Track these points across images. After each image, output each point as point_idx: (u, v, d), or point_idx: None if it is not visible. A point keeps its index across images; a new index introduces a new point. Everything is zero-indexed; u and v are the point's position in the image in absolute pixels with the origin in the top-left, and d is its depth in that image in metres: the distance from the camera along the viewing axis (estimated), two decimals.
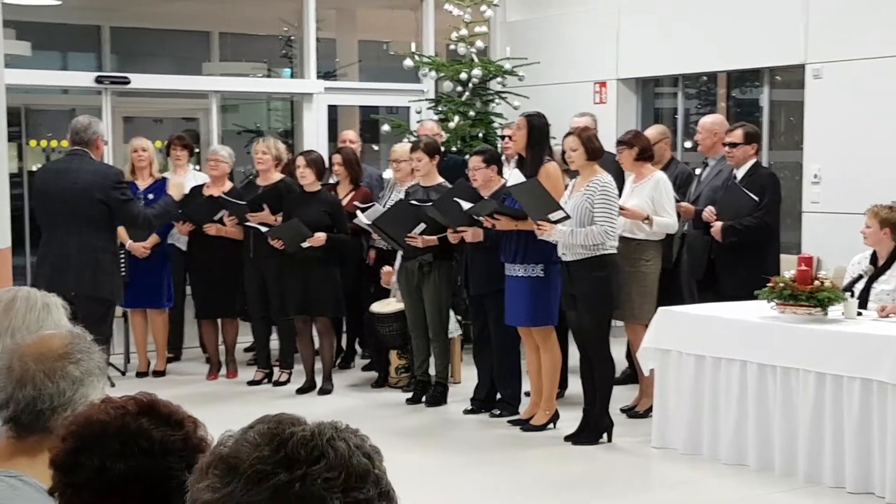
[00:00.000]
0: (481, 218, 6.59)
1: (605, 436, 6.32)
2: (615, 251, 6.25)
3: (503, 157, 7.67)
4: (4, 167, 5.51)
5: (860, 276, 6.21)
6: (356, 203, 7.76)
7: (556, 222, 6.14)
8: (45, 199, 6.80)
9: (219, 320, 8.15)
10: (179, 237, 8.22)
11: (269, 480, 1.20)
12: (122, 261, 7.86)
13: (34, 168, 11.75)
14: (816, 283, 5.69)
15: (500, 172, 6.87)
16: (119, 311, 8.30)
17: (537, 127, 6.57)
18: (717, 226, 6.88)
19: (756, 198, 6.82)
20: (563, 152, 6.43)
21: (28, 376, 2.01)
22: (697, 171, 7.68)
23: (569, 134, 6.43)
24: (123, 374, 8.21)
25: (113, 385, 7.40)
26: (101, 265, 6.59)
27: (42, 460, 1.74)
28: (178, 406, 1.69)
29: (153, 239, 8.02)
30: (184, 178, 7.54)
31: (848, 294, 5.86)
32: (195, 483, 1.25)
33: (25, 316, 2.45)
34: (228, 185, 8.05)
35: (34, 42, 10.62)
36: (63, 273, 6.46)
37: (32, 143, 11.62)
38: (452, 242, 6.97)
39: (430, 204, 6.87)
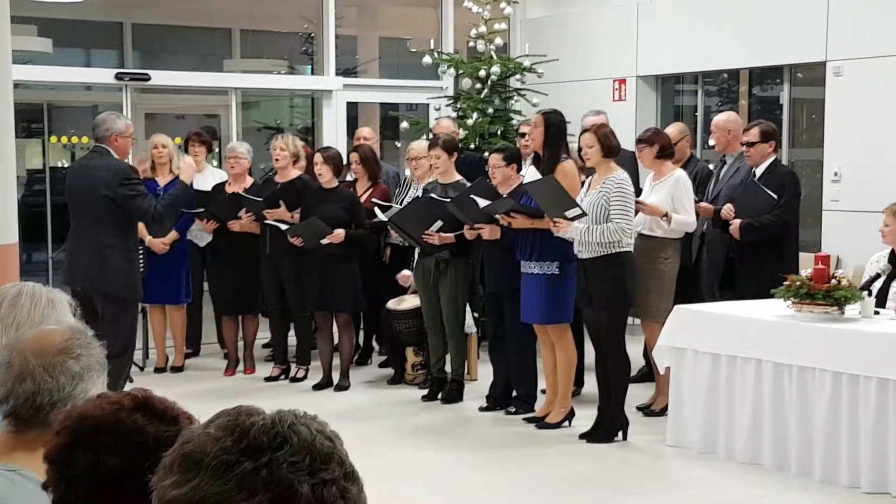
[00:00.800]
0: (498, 216, 6.58)
1: (619, 434, 6.31)
2: (631, 249, 6.23)
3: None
4: (11, 164, 5.54)
5: (878, 275, 6.16)
6: (374, 200, 7.77)
7: (572, 219, 6.12)
8: (67, 196, 6.92)
9: (239, 316, 8.18)
10: (197, 234, 8.27)
11: (234, 469, 1.20)
12: (141, 257, 7.92)
13: (59, 164, 11.83)
14: (833, 281, 5.65)
15: (519, 171, 6.86)
16: (138, 306, 8.36)
17: (554, 124, 6.56)
18: (736, 224, 6.84)
19: (775, 195, 6.77)
20: (580, 149, 6.41)
21: (27, 371, 2.02)
22: (711, 166, 7.64)
23: (585, 131, 6.41)
24: (142, 369, 8.26)
25: (131, 381, 7.46)
26: (108, 262, 6.54)
27: (41, 455, 1.76)
28: (173, 402, 1.69)
29: (172, 235, 8.07)
30: (192, 161, 7.44)
31: (865, 293, 5.81)
32: (160, 481, 1.25)
33: (30, 311, 2.46)
34: (249, 181, 8.08)
35: (56, 39, 10.69)
36: (75, 269, 6.53)
37: (53, 139, 11.70)
38: (469, 239, 6.98)
39: (449, 200, 6.87)
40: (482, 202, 6.67)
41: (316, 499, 1.21)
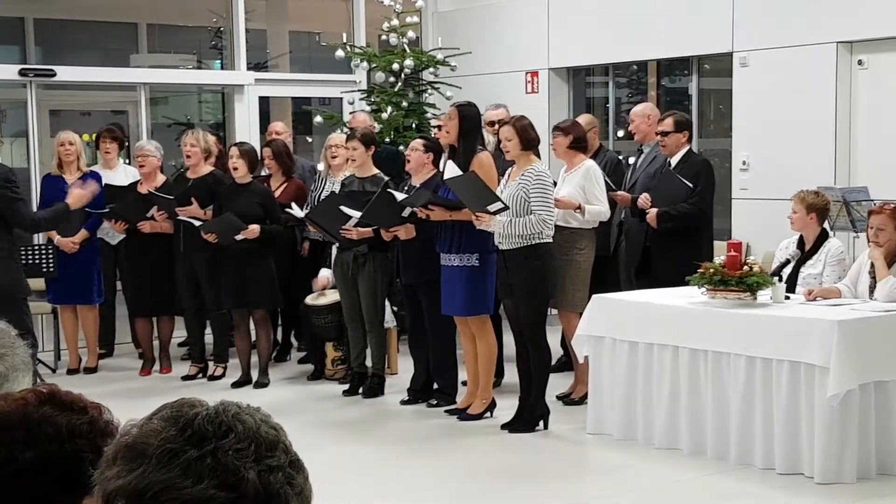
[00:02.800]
0: (416, 209, 6.59)
1: (540, 423, 6.36)
2: (551, 240, 6.28)
3: None
4: None
5: (788, 261, 6.32)
6: (288, 208, 7.61)
7: (494, 213, 6.15)
8: None
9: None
10: (109, 231, 8.11)
11: (179, 458, 1.20)
12: (51, 256, 7.74)
13: None
14: (745, 268, 5.78)
15: (437, 164, 6.87)
16: (48, 307, 8.17)
17: (468, 117, 6.59)
18: (653, 212, 6.94)
19: (690, 184, 6.90)
20: (499, 141, 6.45)
21: None
22: (631, 160, 7.76)
23: (504, 123, 6.44)
24: (54, 371, 8.08)
25: (42, 380, 7.29)
26: None
27: None
28: (79, 394, 1.67)
29: (82, 234, 7.91)
30: (82, 195, 7.19)
31: (776, 278, 5.96)
32: (102, 473, 1.24)
33: None
34: (161, 179, 7.94)
35: None
36: None
37: None
38: (386, 240, 7.00)
39: (360, 215, 6.83)
40: (399, 195, 6.67)
41: (262, 485, 1.21)
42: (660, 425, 5.95)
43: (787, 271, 6.28)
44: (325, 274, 7.75)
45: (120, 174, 8.27)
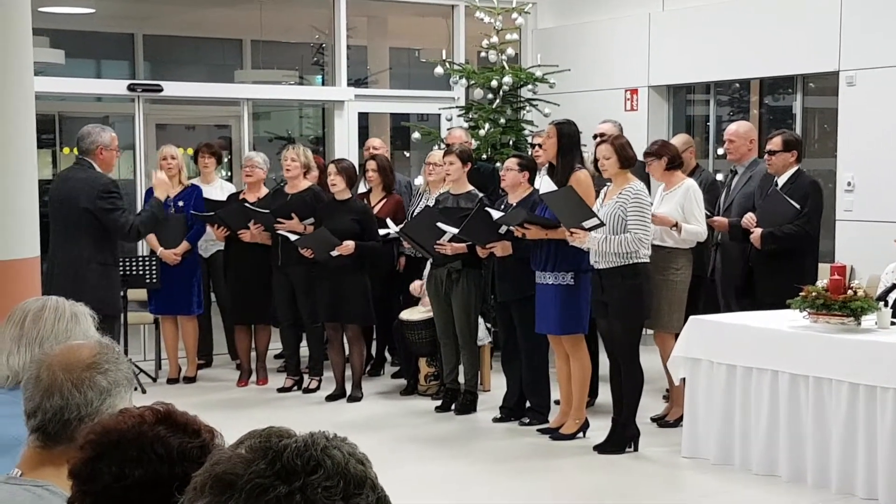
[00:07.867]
0: (512, 227, 6.58)
1: (631, 445, 6.28)
2: (647, 259, 6.22)
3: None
4: (33, 177, 5.47)
5: (894, 286, 6.14)
6: (386, 226, 7.67)
7: (589, 229, 6.11)
8: (49, 209, 6.86)
9: (252, 326, 8.17)
10: (202, 244, 8.28)
11: (268, 493, 1.19)
12: (154, 268, 7.93)
13: None
14: (849, 292, 5.63)
15: (531, 181, 6.86)
16: (150, 317, 8.37)
17: (567, 135, 6.56)
18: (757, 233, 6.81)
19: (797, 206, 6.74)
20: (595, 160, 6.41)
21: (56, 386, 2.01)
22: (720, 177, 7.62)
23: (602, 142, 6.40)
24: (154, 380, 8.26)
25: (144, 392, 7.47)
26: (80, 277, 6.38)
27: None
28: (195, 416, 1.69)
29: (184, 246, 8.08)
30: (166, 178, 7.24)
31: (881, 303, 5.79)
32: (191, 503, 1.24)
33: (54, 325, 2.46)
34: (264, 192, 8.09)
35: (68, 50, 10.72)
36: (48, 284, 6.16)
37: (66, 150, 11.74)
38: (482, 257, 7.00)
39: (458, 231, 6.85)
40: (496, 214, 6.67)
41: None
42: (758, 451, 5.82)
43: (893, 296, 6.10)
44: (418, 283, 7.79)
45: (216, 189, 8.44)
